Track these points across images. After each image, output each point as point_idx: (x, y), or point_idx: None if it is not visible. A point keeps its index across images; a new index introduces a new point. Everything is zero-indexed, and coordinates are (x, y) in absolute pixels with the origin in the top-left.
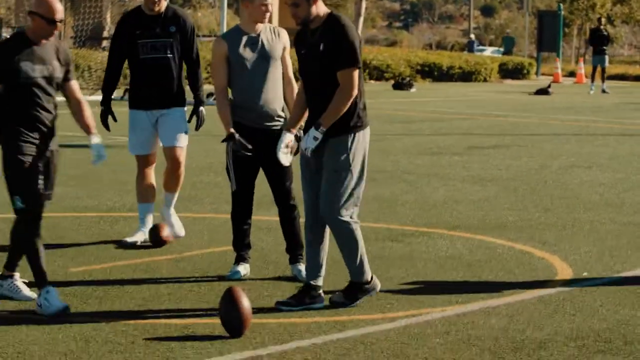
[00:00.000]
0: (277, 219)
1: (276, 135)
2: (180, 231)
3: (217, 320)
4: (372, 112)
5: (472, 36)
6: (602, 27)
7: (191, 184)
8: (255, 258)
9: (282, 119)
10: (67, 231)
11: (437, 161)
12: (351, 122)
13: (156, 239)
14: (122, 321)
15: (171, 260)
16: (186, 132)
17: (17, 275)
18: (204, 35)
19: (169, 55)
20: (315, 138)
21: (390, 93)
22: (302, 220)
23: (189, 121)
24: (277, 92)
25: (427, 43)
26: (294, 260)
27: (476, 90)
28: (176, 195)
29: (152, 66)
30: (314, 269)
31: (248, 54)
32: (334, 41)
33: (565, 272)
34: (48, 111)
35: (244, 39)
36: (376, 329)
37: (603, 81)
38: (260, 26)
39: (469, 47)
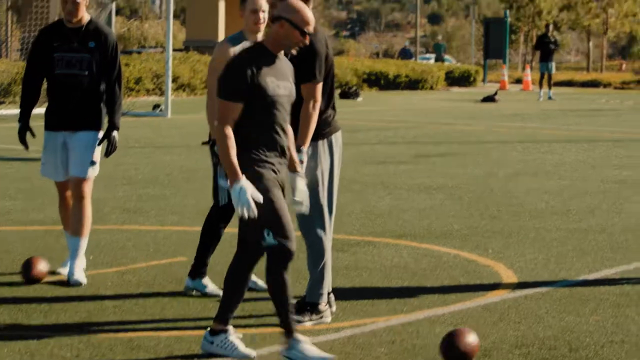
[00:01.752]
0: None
1: None
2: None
3: (162, 333)
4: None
5: (407, 43)
6: (549, 33)
7: (137, 196)
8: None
9: None
10: (13, 244)
11: (384, 170)
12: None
13: (28, 276)
14: (67, 335)
15: (116, 272)
16: (93, 163)
17: (231, 329)
18: (150, 47)
19: (84, 73)
20: (301, 161)
21: (337, 102)
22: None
23: (99, 143)
24: None
25: (374, 52)
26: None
27: (423, 98)
28: (83, 241)
29: (64, 82)
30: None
31: None
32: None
33: (510, 279)
34: (286, 134)
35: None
36: (321, 339)
37: (550, 88)
38: (260, 35)
39: (403, 54)
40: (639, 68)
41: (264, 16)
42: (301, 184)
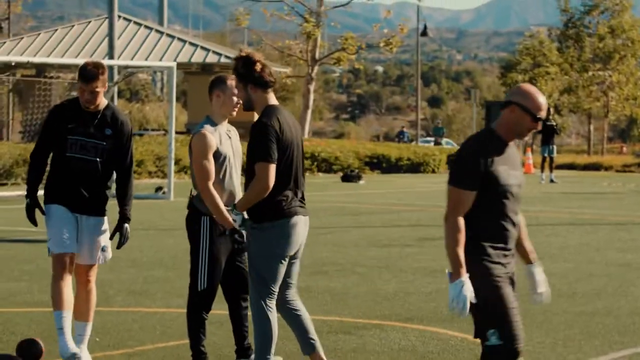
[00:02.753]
0: (226, 312)
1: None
2: None
3: None
4: (321, 205)
5: (403, 126)
6: (549, 117)
7: (142, 278)
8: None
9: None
10: (19, 326)
11: (388, 253)
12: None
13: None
14: None
15: (123, 355)
16: (104, 249)
17: None
18: (152, 129)
19: (97, 159)
20: (234, 220)
21: (339, 185)
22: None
23: (111, 238)
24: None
25: (374, 134)
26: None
27: (425, 181)
28: (90, 326)
29: (76, 167)
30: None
31: (227, 148)
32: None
33: None
34: (515, 226)
35: (222, 131)
36: None
37: (551, 171)
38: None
39: (400, 137)
40: None
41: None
42: (539, 275)
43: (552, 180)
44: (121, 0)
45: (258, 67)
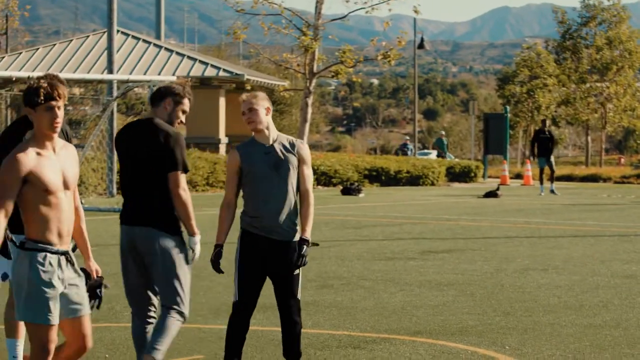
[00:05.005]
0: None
1: (284, 246)
2: None
3: None
4: (322, 218)
5: (408, 139)
6: (545, 128)
7: None
8: None
9: (292, 230)
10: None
11: (392, 266)
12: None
13: None
14: None
15: None
16: None
17: None
18: None
19: None
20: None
21: (339, 199)
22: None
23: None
24: (287, 203)
25: (370, 147)
26: None
27: (424, 194)
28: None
29: None
30: None
31: (259, 164)
32: None
33: None
34: None
35: (257, 148)
36: None
37: (552, 182)
38: (273, 136)
39: (403, 149)
40: (638, 162)
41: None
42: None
43: (552, 191)
44: (117, 15)
45: None
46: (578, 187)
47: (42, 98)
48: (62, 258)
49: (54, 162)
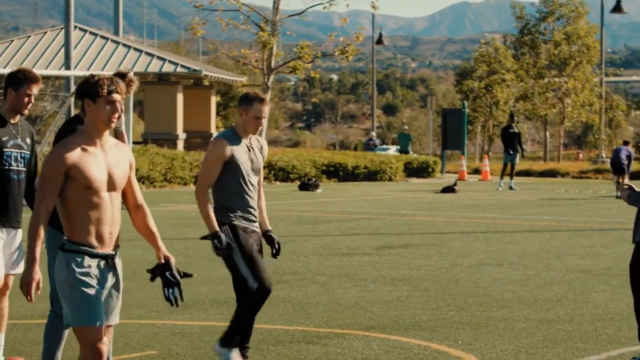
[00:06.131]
0: (191, 323)
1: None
2: None
3: None
4: (279, 214)
5: (373, 134)
6: (513, 124)
7: None
8: None
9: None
10: None
11: (348, 262)
12: None
13: None
14: None
15: None
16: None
17: None
18: None
19: (25, 170)
20: None
21: (297, 194)
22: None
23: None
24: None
25: (330, 143)
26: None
27: (382, 189)
28: (3, 336)
29: (13, 180)
30: None
31: (244, 159)
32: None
33: None
34: None
35: (242, 143)
36: None
37: (512, 178)
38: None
39: (368, 144)
40: (596, 157)
41: (264, 123)
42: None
43: (511, 187)
44: (76, 11)
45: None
46: (536, 182)
47: (105, 90)
48: (102, 262)
49: (100, 159)
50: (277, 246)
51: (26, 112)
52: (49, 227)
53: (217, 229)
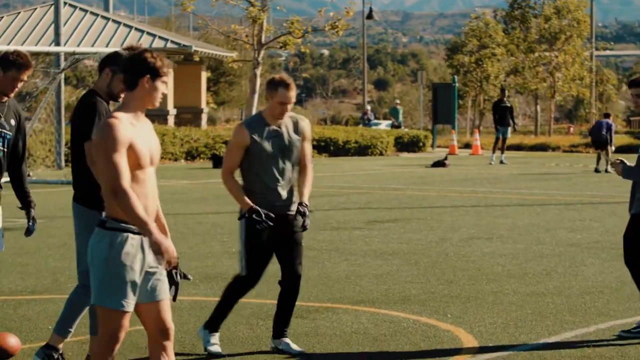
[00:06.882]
0: (180, 297)
1: (290, 219)
2: None
3: None
4: None
5: (368, 108)
6: (505, 98)
7: None
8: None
9: (294, 203)
10: None
11: (338, 236)
12: None
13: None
14: None
15: (76, 342)
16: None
17: None
18: None
19: (4, 150)
20: None
21: None
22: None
23: (28, 231)
24: (292, 178)
25: (321, 118)
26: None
27: (372, 164)
28: None
29: None
30: None
31: (268, 145)
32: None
33: (471, 344)
34: None
35: (266, 128)
36: None
37: (502, 152)
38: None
39: (363, 119)
40: (587, 131)
41: (289, 108)
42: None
43: (502, 162)
44: None
45: None
46: (527, 157)
47: (157, 71)
48: (145, 240)
49: (144, 134)
50: (302, 220)
51: (12, 95)
52: (77, 204)
53: (251, 203)
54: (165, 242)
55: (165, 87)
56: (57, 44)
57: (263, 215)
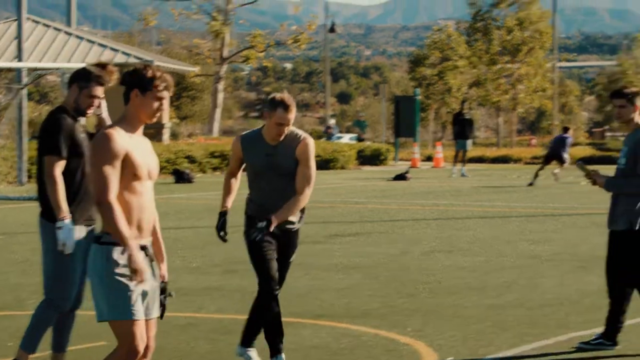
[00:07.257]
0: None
1: (289, 235)
2: None
3: None
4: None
5: (332, 122)
6: (464, 111)
7: None
8: None
9: (292, 223)
10: None
11: (299, 250)
12: None
13: None
14: None
15: (38, 358)
16: None
17: None
18: None
19: None
20: None
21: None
22: None
23: None
24: (288, 197)
25: None
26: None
27: (334, 177)
28: None
29: None
30: None
31: (257, 162)
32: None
33: (430, 357)
34: None
35: (260, 146)
36: None
37: (464, 164)
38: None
39: (326, 132)
40: (549, 143)
41: (287, 130)
42: None
43: (463, 174)
44: (29, 2)
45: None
46: (488, 169)
47: (160, 87)
48: (141, 254)
49: (142, 148)
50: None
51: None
52: (43, 219)
53: (225, 207)
54: (139, 263)
55: (160, 103)
56: (20, 59)
57: (224, 232)
